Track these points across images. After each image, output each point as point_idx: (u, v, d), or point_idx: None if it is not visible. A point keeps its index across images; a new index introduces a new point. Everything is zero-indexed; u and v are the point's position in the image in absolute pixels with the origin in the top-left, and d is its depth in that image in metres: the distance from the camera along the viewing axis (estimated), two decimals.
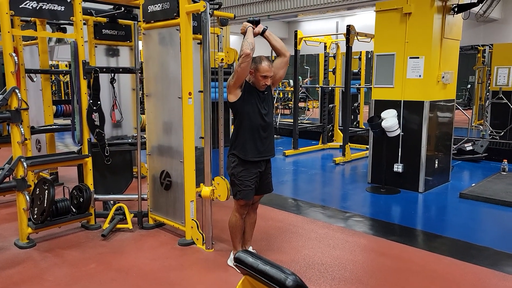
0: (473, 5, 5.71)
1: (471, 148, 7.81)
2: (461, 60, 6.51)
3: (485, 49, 10.94)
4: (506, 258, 3.75)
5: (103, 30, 5.51)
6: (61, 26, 5.60)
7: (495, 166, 7.18)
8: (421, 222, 4.84)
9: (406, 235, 4.38)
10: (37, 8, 3.85)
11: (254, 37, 3.28)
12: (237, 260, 1.58)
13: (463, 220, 4.86)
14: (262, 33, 3.36)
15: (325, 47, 9.63)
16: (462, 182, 6.42)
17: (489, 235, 4.42)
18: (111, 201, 4.73)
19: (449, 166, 6.43)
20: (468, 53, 11.81)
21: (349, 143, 7.92)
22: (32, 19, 5.35)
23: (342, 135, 8.35)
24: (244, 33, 3.26)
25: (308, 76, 16.01)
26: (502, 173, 6.60)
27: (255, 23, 3.34)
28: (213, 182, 3.71)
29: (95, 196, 4.39)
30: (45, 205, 3.89)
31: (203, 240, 3.89)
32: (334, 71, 9.76)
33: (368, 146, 6.51)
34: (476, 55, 11.48)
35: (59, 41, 9.60)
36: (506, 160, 6.75)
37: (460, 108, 7.90)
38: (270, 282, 1.43)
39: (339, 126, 9.75)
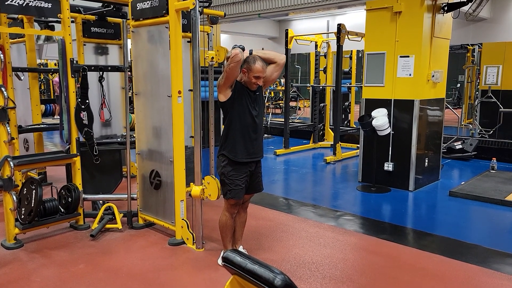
0: (462, 4, 5.74)
1: (460, 146, 7.87)
2: (451, 59, 6.55)
3: (475, 48, 11.04)
4: (495, 255, 3.78)
5: (91, 28, 5.44)
6: (49, 23, 5.53)
7: (484, 164, 7.24)
8: (411, 221, 4.86)
9: (397, 233, 4.40)
10: (24, 5, 3.79)
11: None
12: (225, 260, 1.56)
13: (452, 218, 4.89)
14: (250, 53, 3.33)
15: (316, 46, 9.63)
16: (451, 180, 6.47)
17: (478, 233, 4.45)
18: (100, 201, 4.68)
19: (439, 165, 6.46)
20: (458, 52, 11.91)
21: (340, 142, 7.93)
22: (19, 16, 5.28)
23: (333, 134, 8.36)
24: (228, 57, 3.17)
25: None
26: (491, 171, 6.66)
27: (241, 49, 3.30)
28: (203, 181, 3.68)
29: (83, 196, 4.35)
30: (32, 205, 3.84)
31: (193, 240, 3.86)
32: (325, 70, 9.77)
33: (358, 145, 6.52)
34: (466, 54, 11.58)
35: (48, 39, 9.50)
36: (495, 159, 6.80)
37: (449, 107, 7.95)
38: (259, 281, 1.41)
39: (330, 125, 9.77)
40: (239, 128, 3.28)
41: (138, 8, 3.99)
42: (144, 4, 3.91)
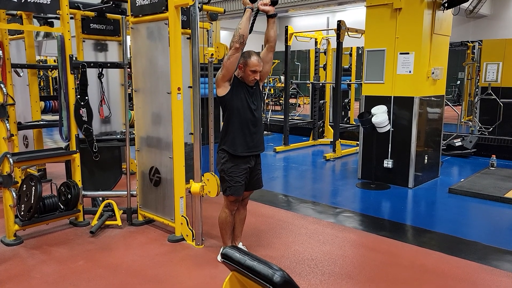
0: (463, 0, 5.73)
1: (460, 143, 7.87)
2: (451, 56, 6.54)
3: (475, 45, 11.01)
4: (494, 252, 3.79)
5: (91, 25, 5.42)
6: (48, 20, 5.51)
7: (484, 161, 7.24)
8: (411, 217, 4.86)
9: (396, 230, 4.40)
10: (22, 1, 3.78)
11: (261, 13, 3.20)
12: (224, 256, 1.56)
13: (452, 215, 4.89)
14: (270, 16, 3.27)
15: (316, 43, 9.61)
16: (451, 177, 6.47)
17: (477, 230, 4.46)
18: (100, 198, 4.69)
19: (439, 162, 6.47)
20: (458, 49, 11.89)
21: (339, 139, 7.93)
22: (18, 12, 5.26)
23: (332, 131, 8.37)
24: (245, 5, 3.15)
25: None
26: (491, 168, 6.66)
27: (273, 3, 3.19)
28: (202, 178, 3.68)
29: (83, 192, 4.35)
30: (32, 202, 3.84)
31: (193, 237, 3.86)
32: (324, 67, 9.76)
33: (358, 142, 6.52)
34: (466, 51, 11.55)
35: (47, 35, 9.48)
36: (494, 156, 6.80)
37: (449, 104, 7.94)
38: (258, 278, 1.41)
39: (329, 122, 9.76)
40: (238, 122, 3.29)
41: (137, 5, 3.98)
42: (144, 0, 3.90)
